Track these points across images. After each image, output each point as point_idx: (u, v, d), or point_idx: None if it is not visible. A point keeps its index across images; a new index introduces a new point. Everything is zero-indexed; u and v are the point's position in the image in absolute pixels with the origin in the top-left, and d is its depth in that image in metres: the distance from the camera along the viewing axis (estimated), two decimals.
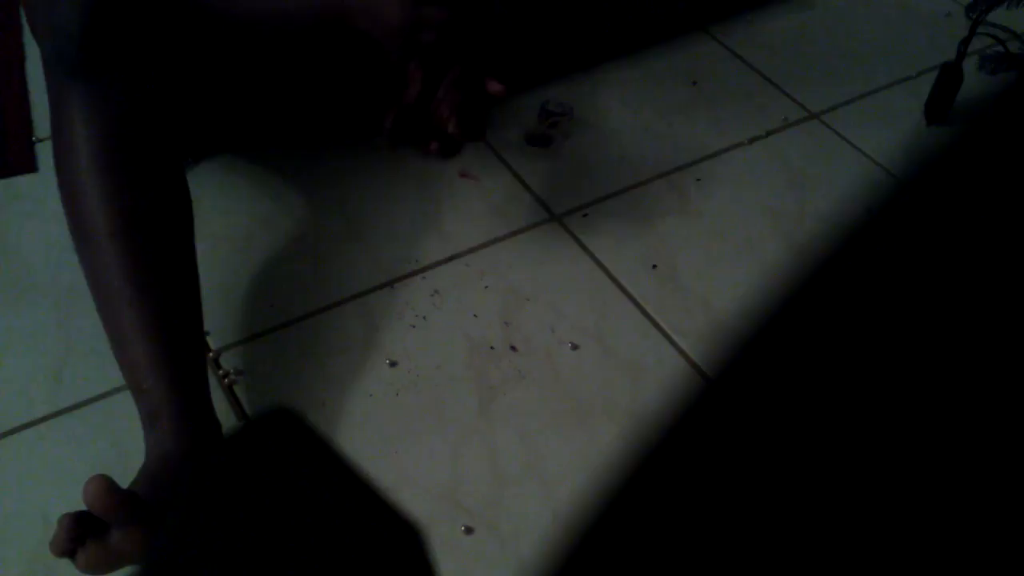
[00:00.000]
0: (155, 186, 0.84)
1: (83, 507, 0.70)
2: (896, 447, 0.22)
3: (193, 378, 0.81)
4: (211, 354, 0.95)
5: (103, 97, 0.82)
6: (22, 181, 1.12)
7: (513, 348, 0.97)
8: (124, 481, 0.85)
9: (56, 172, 0.84)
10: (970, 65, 1.26)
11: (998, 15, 1.27)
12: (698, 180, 1.18)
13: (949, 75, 1.23)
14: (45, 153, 1.15)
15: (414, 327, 0.99)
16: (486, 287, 1.04)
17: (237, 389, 0.92)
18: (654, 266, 1.07)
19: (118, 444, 0.87)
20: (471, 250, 1.08)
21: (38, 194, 1.10)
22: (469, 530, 0.83)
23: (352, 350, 0.96)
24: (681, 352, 0.98)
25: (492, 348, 0.97)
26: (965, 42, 1.22)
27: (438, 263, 1.06)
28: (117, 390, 0.91)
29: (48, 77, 0.84)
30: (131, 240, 0.80)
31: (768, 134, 1.25)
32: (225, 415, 0.87)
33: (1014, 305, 0.23)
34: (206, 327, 0.89)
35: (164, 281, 0.82)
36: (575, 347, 0.98)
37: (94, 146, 0.81)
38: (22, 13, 1.33)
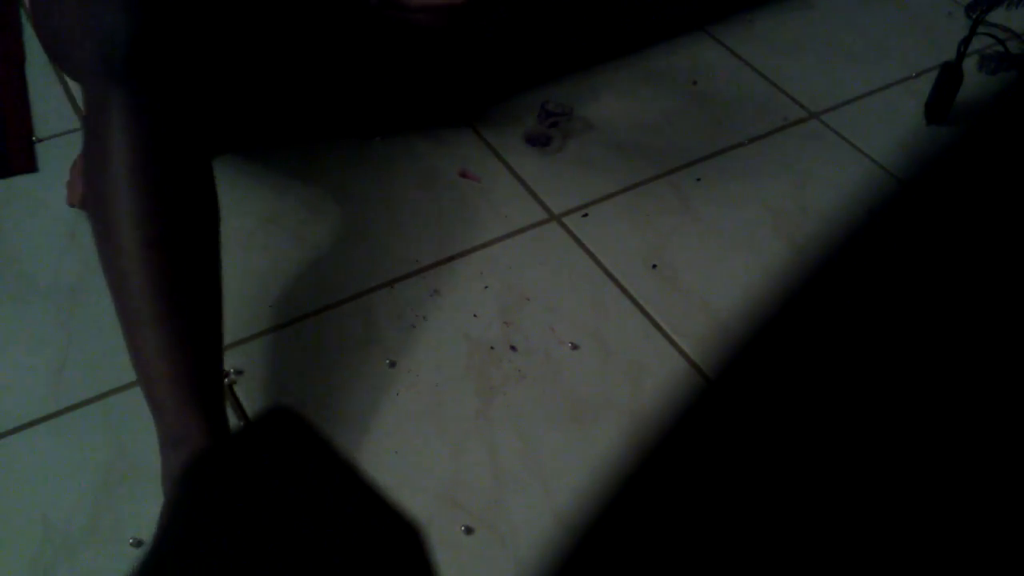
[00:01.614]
0: (189, 199, 0.83)
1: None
2: (896, 447, 0.22)
3: (216, 397, 0.80)
4: None
5: (146, 105, 0.81)
6: (22, 181, 1.12)
7: (513, 348, 0.98)
8: (124, 480, 0.85)
9: (86, 176, 0.83)
10: (970, 65, 1.26)
11: (998, 15, 1.27)
12: (698, 180, 1.18)
13: (949, 75, 1.23)
14: (45, 153, 1.15)
15: (414, 327, 0.99)
16: (486, 287, 1.04)
17: (237, 389, 0.92)
18: (654, 266, 1.07)
19: (118, 444, 0.87)
20: (471, 250, 1.08)
21: (38, 194, 1.10)
22: (469, 530, 0.83)
23: (352, 350, 0.96)
24: (681, 352, 0.98)
25: (492, 348, 0.97)
26: (965, 42, 1.22)
27: (438, 263, 1.06)
28: (117, 390, 0.91)
29: (87, 80, 0.82)
30: (161, 252, 0.79)
31: (768, 134, 1.25)
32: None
33: (1014, 305, 0.23)
34: None
35: (190, 297, 0.81)
36: (575, 347, 0.98)
37: (132, 155, 0.79)
38: (22, 13, 1.33)
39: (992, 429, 0.22)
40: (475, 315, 1.00)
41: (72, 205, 1.07)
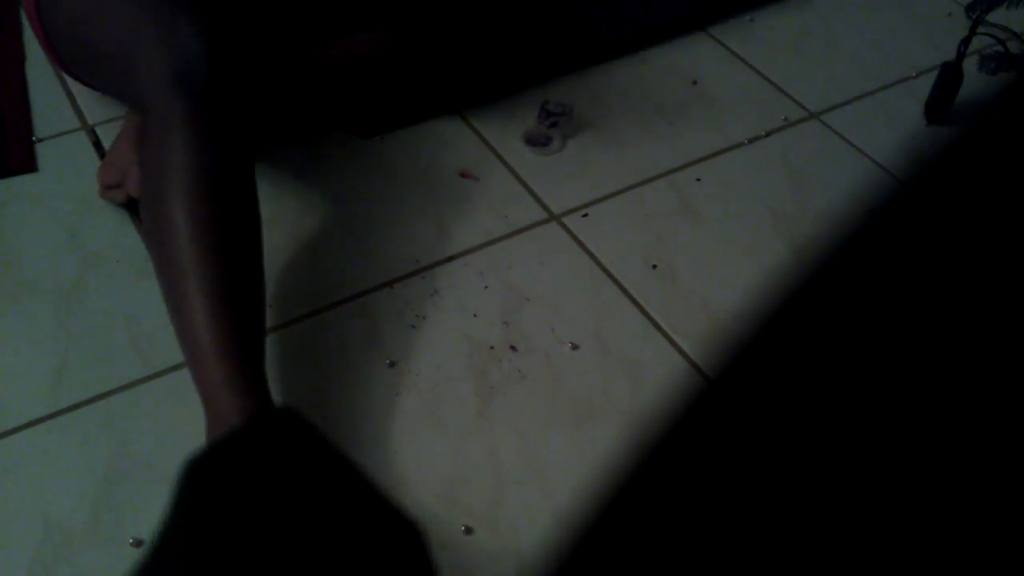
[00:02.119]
0: (240, 208, 0.86)
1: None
2: (896, 447, 0.22)
3: (264, 381, 0.82)
4: None
5: (212, 121, 0.84)
6: (22, 181, 1.12)
7: (513, 348, 0.97)
8: (124, 480, 0.85)
9: (143, 183, 0.85)
10: (970, 65, 1.26)
11: (998, 15, 1.27)
12: (698, 180, 1.18)
13: (949, 75, 1.23)
14: (45, 153, 1.15)
15: (414, 327, 0.99)
16: (486, 287, 1.04)
17: None
18: (654, 266, 1.07)
19: (118, 444, 0.87)
20: (471, 250, 1.08)
21: (38, 194, 1.10)
22: (469, 530, 0.83)
23: (352, 350, 0.96)
24: (681, 352, 0.98)
25: (492, 348, 0.97)
26: (965, 42, 1.22)
27: (438, 263, 1.06)
28: (117, 390, 0.91)
29: (154, 95, 0.84)
30: (215, 257, 0.81)
31: (768, 134, 1.25)
32: None
33: (1014, 305, 0.23)
34: None
35: (240, 293, 0.82)
36: (575, 347, 0.98)
37: (193, 168, 0.82)
38: (22, 13, 1.33)
39: (992, 429, 0.22)
40: (475, 315, 1.00)
41: (131, 196, 1.02)
